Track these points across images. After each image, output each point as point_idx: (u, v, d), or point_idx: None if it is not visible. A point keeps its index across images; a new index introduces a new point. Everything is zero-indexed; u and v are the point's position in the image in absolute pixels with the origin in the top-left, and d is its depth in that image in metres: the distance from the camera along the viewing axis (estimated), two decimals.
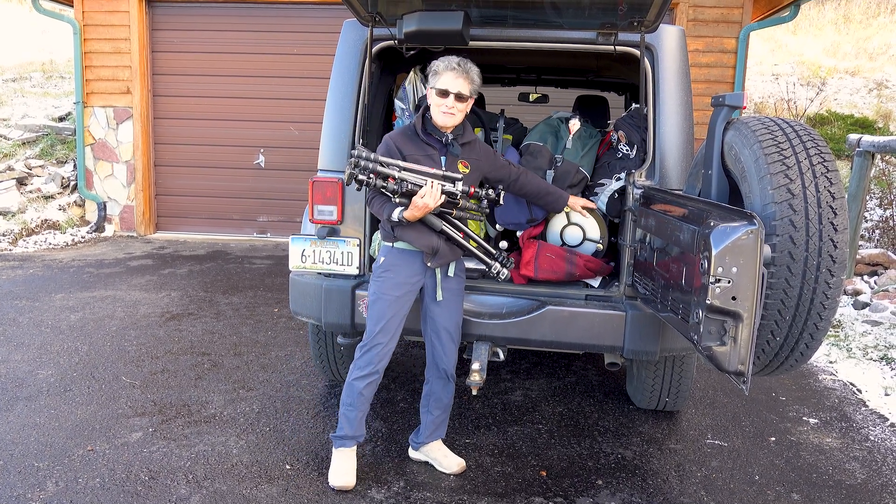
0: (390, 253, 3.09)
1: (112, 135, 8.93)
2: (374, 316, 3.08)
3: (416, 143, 3.07)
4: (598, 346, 3.33)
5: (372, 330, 3.07)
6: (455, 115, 3.04)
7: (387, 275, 3.07)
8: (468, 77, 3.02)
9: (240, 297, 6.17)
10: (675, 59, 3.42)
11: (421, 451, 3.34)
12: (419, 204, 2.87)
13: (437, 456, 3.31)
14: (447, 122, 3.04)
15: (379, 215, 3.07)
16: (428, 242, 3.03)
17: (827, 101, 11.61)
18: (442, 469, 3.28)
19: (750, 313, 2.17)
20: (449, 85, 2.99)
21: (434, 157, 3.06)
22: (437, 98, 3.02)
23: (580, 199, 3.51)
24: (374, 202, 3.04)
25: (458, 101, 3.01)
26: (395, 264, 3.07)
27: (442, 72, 3.02)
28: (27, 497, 2.95)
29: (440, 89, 3.00)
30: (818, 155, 2.32)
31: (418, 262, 3.08)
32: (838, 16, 15.79)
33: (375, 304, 3.08)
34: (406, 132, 3.12)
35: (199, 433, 3.58)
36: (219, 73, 8.85)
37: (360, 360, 3.10)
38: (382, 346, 3.08)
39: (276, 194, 8.91)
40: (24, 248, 7.98)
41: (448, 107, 3.01)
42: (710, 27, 7.99)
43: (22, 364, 4.43)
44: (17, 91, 11.91)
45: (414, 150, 3.05)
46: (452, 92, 2.99)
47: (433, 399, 3.27)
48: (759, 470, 3.42)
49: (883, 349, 5.14)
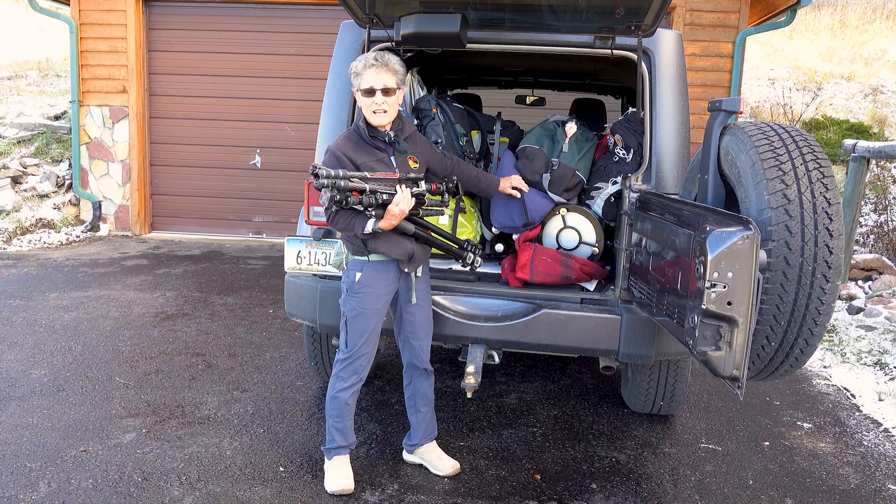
0: (366, 267, 3.00)
1: (108, 134, 8.90)
2: (357, 330, 3.02)
3: (366, 150, 2.97)
4: (594, 349, 3.33)
5: (355, 343, 3.02)
6: (388, 111, 2.96)
7: (366, 290, 3.00)
8: (389, 69, 2.94)
9: (235, 297, 6.16)
10: (672, 63, 3.42)
11: (416, 454, 3.33)
12: (395, 212, 2.80)
13: (431, 458, 3.31)
14: (382, 120, 2.96)
15: (346, 231, 2.94)
16: (403, 249, 2.98)
17: (823, 106, 11.65)
18: (436, 471, 3.27)
19: (745, 318, 2.17)
20: (373, 82, 2.91)
21: (385, 160, 2.99)
22: (365, 99, 2.93)
23: (508, 178, 3.50)
24: (339, 219, 2.88)
25: (387, 96, 2.93)
26: (373, 278, 3.00)
27: (362, 71, 2.92)
28: (19, 498, 2.94)
29: (365, 89, 2.92)
30: (814, 160, 2.33)
31: (394, 270, 3.04)
32: (834, 21, 15.85)
33: (358, 319, 3.02)
34: (351, 140, 2.99)
35: (193, 434, 3.57)
36: (215, 73, 8.82)
37: (342, 371, 3.06)
38: (367, 356, 3.07)
39: (271, 195, 8.89)
40: (19, 247, 7.95)
41: (378, 104, 2.92)
42: (706, 31, 8.00)
43: (15, 364, 4.41)
44: (12, 89, 11.88)
45: (366, 158, 2.94)
46: (378, 88, 2.91)
47: (419, 397, 3.27)
48: (753, 474, 3.42)
49: (877, 354, 5.15)
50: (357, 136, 3.00)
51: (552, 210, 3.61)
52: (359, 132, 3.00)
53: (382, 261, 3.01)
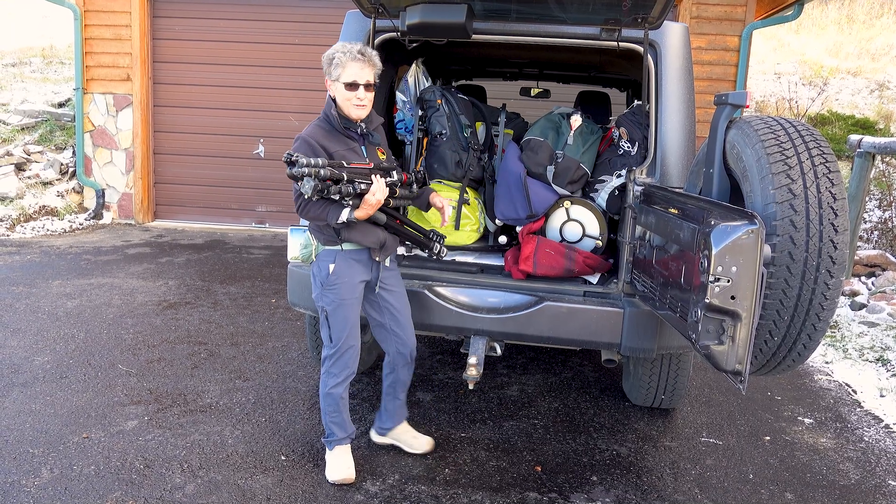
0: (339, 257, 2.98)
1: (111, 122, 8.90)
2: (338, 323, 3.01)
3: (338, 139, 2.94)
4: (596, 342, 3.33)
5: (339, 336, 3.02)
6: (367, 105, 2.95)
7: (341, 280, 2.98)
8: (373, 64, 2.93)
9: (237, 286, 6.16)
10: (679, 56, 3.41)
11: (388, 436, 3.37)
12: (371, 201, 2.78)
13: (406, 438, 3.35)
14: (362, 114, 2.95)
15: (318, 221, 2.91)
16: (375, 238, 2.98)
17: (828, 101, 11.60)
18: (412, 450, 3.33)
19: (749, 313, 2.17)
20: (357, 76, 2.88)
21: (357, 149, 2.98)
22: (345, 92, 2.89)
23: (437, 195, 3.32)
24: (311, 209, 2.84)
25: (367, 92, 2.93)
26: (347, 267, 2.99)
27: (346, 63, 2.87)
28: (22, 484, 2.95)
29: (348, 82, 2.88)
30: (820, 155, 2.31)
31: (366, 258, 3.03)
32: (841, 16, 15.76)
33: (338, 311, 3.00)
34: (322, 128, 2.95)
35: (195, 422, 3.58)
36: (220, 62, 8.81)
37: (333, 367, 3.06)
38: (354, 348, 3.07)
39: (274, 184, 8.87)
40: (22, 234, 7.96)
41: (359, 98, 2.90)
42: (713, 25, 7.96)
43: (18, 350, 4.42)
44: (16, 76, 11.86)
45: (338, 147, 2.92)
46: (361, 83, 2.89)
47: (399, 384, 3.28)
48: (754, 469, 3.42)
49: (879, 350, 5.14)
50: (328, 124, 2.97)
51: (556, 202, 3.61)
52: (330, 120, 2.96)
53: (355, 249, 2.99)
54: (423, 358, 4.63)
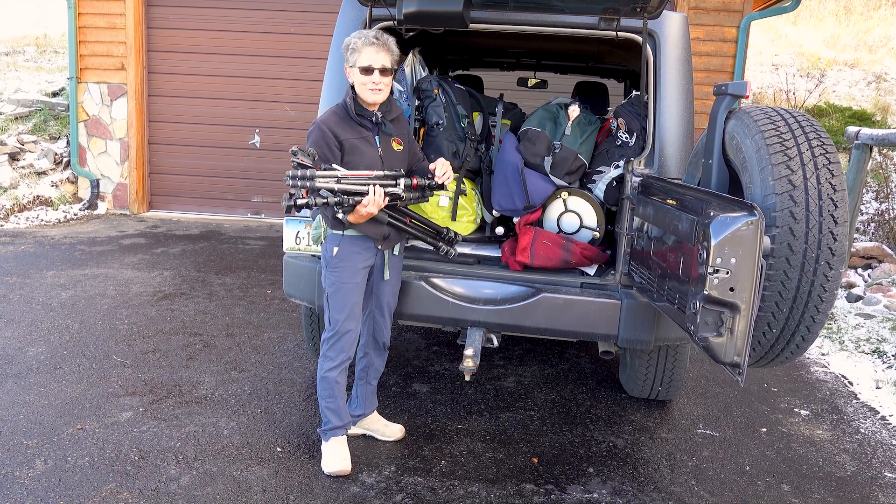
0: (343, 241, 3.02)
1: (106, 111, 8.84)
2: (337, 305, 3.04)
3: (351, 126, 2.97)
4: (593, 334, 3.32)
5: (337, 319, 3.04)
6: (383, 90, 2.97)
7: (344, 264, 3.02)
8: (388, 49, 2.96)
9: (233, 277, 6.14)
10: (678, 46, 3.38)
11: (359, 425, 3.39)
12: (363, 213, 2.82)
13: (377, 427, 3.38)
14: (377, 98, 2.98)
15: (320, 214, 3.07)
16: (378, 231, 3.02)
17: (826, 92, 11.59)
18: (385, 438, 3.36)
19: (747, 305, 2.16)
20: (372, 60, 2.91)
21: (369, 138, 3.00)
22: (361, 76, 2.92)
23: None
24: None
25: (383, 76, 2.95)
26: (350, 252, 3.02)
27: (361, 48, 2.91)
28: (15, 475, 2.93)
29: (363, 67, 2.91)
30: (820, 146, 2.30)
31: (370, 245, 3.05)
32: (839, 7, 15.73)
33: (338, 294, 3.03)
34: (337, 115, 2.99)
35: (190, 413, 3.56)
36: (215, 52, 8.74)
37: (329, 350, 3.07)
38: (352, 332, 3.08)
39: (270, 175, 8.82)
40: (16, 224, 7.91)
41: (375, 83, 2.93)
42: (711, 15, 7.93)
43: (12, 341, 4.39)
44: (9, 65, 11.78)
45: (350, 134, 2.95)
46: (376, 67, 2.92)
47: (372, 370, 3.32)
48: (750, 460, 3.42)
49: (875, 342, 5.15)
50: (344, 111, 3.01)
51: (553, 193, 3.59)
52: (346, 108, 3.00)
53: (359, 237, 3.02)
54: (419, 349, 4.62)
